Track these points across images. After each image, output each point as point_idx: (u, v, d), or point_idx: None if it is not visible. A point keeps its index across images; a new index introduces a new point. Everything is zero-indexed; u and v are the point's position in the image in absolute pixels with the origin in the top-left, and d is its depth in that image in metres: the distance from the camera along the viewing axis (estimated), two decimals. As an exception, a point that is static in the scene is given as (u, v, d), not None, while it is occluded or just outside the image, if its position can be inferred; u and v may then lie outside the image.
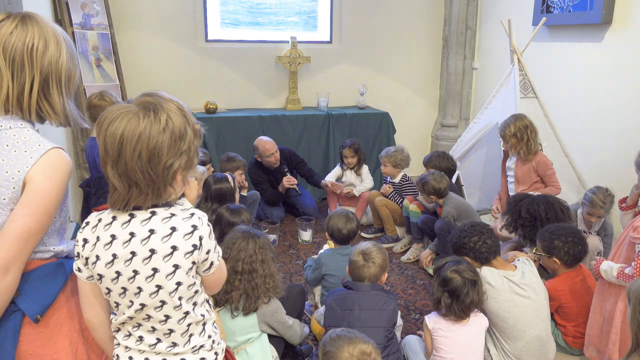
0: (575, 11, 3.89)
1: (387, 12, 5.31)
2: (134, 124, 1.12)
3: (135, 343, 1.29)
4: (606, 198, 2.95)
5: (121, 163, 1.13)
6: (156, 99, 1.17)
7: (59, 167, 1.27)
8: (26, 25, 1.27)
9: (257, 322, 2.12)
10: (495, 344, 2.30)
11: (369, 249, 2.29)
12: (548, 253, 2.45)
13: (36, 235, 1.26)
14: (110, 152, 1.14)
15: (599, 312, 2.27)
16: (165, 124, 1.14)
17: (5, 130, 1.28)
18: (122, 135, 1.12)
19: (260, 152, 4.11)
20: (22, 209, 1.23)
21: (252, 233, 2.15)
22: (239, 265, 2.06)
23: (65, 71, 1.33)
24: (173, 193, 1.23)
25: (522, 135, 3.27)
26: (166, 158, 1.15)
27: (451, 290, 2.13)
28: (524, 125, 3.28)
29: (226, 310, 2.10)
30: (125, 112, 1.14)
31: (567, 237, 2.43)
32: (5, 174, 1.24)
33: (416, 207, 3.64)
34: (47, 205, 1.25)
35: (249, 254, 2.08)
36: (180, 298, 1.24)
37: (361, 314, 2.14)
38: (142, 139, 1.12)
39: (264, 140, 4.12)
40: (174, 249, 1.20)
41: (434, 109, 5.77)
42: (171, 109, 1.17)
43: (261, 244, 2.12)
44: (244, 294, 2.08)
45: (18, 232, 1.22)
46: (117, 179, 1.16)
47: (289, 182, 4.13)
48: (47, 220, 1.27)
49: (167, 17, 4.69)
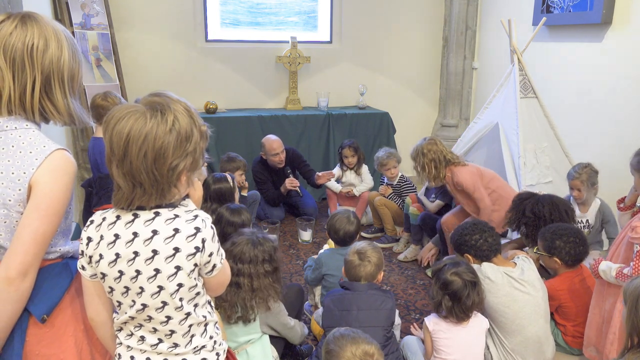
0: (575, 11, 3.89)
1: (387, 12, 5.31)
2: (140, 124, 1.12)
3: (137, 343, 1.29)
4: (582, 169, 2.97)
5: (126, 162, 1.13)
6: (164, 99, 1.17)
7: (65, 168, 1.28)
8: (26, 25, 1.27)
9: (258, 324, 2.12)
10: (494, 340, 2.30)
11: (364, 248, 2.29)
12: (549, 253, 2.45)
13: (49, 238, 1.27)
14: (116, 151, 1.14)
15: (598, 312, 2.27)
16: (172, 124, 1.14)
17: (11, 131, 1.28)
18: (129, 134, 1.12)
19: (266, 150, 4.11)
20: (33, 212, 1.23)
21: (249, 242, 2.06)
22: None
23: (67, 70, 1.33)
24: (177, 194, 1.23)
25: (420, 162, 3.08)
26: (172, 159, 1.15)
27: (452, 293, 2.12)
28: (421, 152, 3.07)
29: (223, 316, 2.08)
30: (132, 111, 1.14)
31: (569, 238, 2.43)
32: (12, 175, 1.24)
33: (416, 210, 3.64)
34: (57, 207, 1.26)
35: (237, 267, 2.01)
36: (182, 299, 1.24)
37: (359, 314, 2.13)
38: (149, 139, 1.12)
39: (272, 138, 4.13)
40: (176, 251, 1.20)
41: (434, 109, 5.77)
42: (178, 109, 1.17)
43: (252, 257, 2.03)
44: (238, 306, 2.03)
45: (33, 235, 1.22)
46: (121, 178, 1.16)
47: (291, 184, 4.13)
48: (58, 221, 1.28)
49: (167, 17, 4.69)
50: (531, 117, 3.48)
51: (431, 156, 3.06)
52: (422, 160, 3.08)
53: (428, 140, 3.13)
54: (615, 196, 2.76)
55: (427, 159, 3.07)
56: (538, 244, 2.53)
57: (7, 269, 1.21)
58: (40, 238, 1.24)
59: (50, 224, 1.25)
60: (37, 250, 1.24)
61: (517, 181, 3.42)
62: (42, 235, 1.24)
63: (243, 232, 2.16)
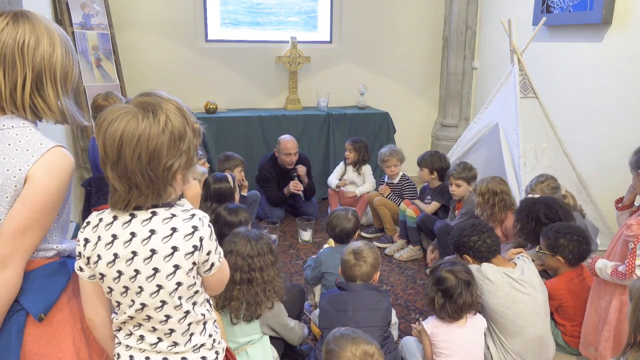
0: (575, 11, 3.89)
1: (387, 12, 5.31)
2: (133, 126, 1.11)
3: (137, 342, 1.29)
4: (537, 185, 2.95)
5: (121, 165, 1.13)
6: (154, 99, 1.16)
7: (60, 165, 1.27)
8: (17, 23, 1.26)
9: (259, 325, 2.11)
10: (494, 341, 2.30)
11: (360, 247, 2.29)
12: (552, 251, 2.45)
13: (32, 232, 1.25)
14: (110, 154, 1.13)
15: (594, 310, 2.28)
16: (164, 124, 1.13)
17: (8, 130, 1.28)
18: (122, 137, 1.11)
19: (280, 148, 4.12)
20: (18, 205, 1.23)
21: (249, 238, 2.10)
22: (237, 275, 2.03)
23: (60, 67, 1.32)
24: (173, 193, 1.23)
25: (488, 198, 3.05)
26: (166, 159, 1.15)
27: (444, 289, 2.13)
28: (493, 190, 3.05)
29: (225, 314, 2.08)
30: (124, 112, 1.13)
31: (572, 236, 2.43)
32: (7, 172, 1.23)
33: (412, 212, 3.63)
34: (44, 202, 1.24)
35: (247, 263, 2.05)
36: (180, 298, 1.24)
37: (355, 315, 2.13)
38: (142, 141, 1.11)
39: (287, 138, 4.15)
40: (174, 250, 1.20)
41: (434, 109, 5.77)
42: (170, 109, 1.16)
43: (259, 250, 2.08)
44: (244, 302, 2.05)
45: (13, 228, 1.22)
46: (117, 181, 1.15)
47: (295, 187, 4.13)
48: (43, 217, 1.26)
49: (167, 17, 4.69)
50: (531, 117, 3.48)
51: (502, 197, 3.04)
52: (492, 199, 3.03)
53: (499, 180, 3.09)
54: (614, 195, 2.76)
55: (497, 199, 3.04)
56: (541, 242, 2.53)
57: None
58: (20, 231, 1.22)
59: (32, 218, 1.23)
60: (16, 243, 1.22)
61: (517, 181, 3.42)
62: (22, 228, 1.22)
63: (239, 232, 2.16)
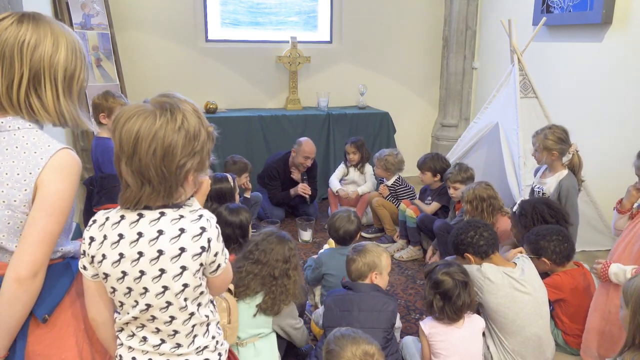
0: (575, 11, 3.89)
1: (387, 12, 5.31)
2: (150, 122, 1.14)
3: (139, 343, 1.29)
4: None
5: (135, 160, 1.15)
6: (173, 99, 1.19)
7: (70, 167, 1.28)
8: (22, 23, 1.27)
9: (271, 320, 2.14)
10: (494, 340, 2.30)
11: (361, 245, 2.31)
12: (536, 254, 2.48)
13: (57, 237, 1.27)
14: (126, 148, 1.15)
15: (599, 316, 2.26)
16: (180, 123, 1.16)
17: (14, 132, 1.28)
18: (138, 132, 1.13)
19: (300, 149, 4.10)
20: (39, 212, 1.23)
21: (286, 238, 2.20)
22: (277, 271, 2.10)
23: (63, 69, 1.31)
24: (183, 194, 1.24)
25: (477, 205, 3.03)
26: (180, 157, 1.16)
27: (443, 292, 2.13)
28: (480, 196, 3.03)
29: (246, 304, 2.11)
30: (142, 110, 1.16)
31: (552, 236, 2.46)
32: (17, 176, 1.24)
33: (412, 212, 3.64)
34: (62, 206, 1.26)
35: (284, 260, 2.13)
36: (186, 299, 1.25)
37: (360, 315, 2.13)
38: (158, 137, 1.14)
39: (310, 143, 4.14)
40: (182, 251, 1.20)
41: (434, 109, 5.77)
42: (187, 109, 1.19)
43: (294, 251, 2.17)
44: (271, 297, 2.11)
45: (41, 235, 1.23)
46: (130, 176, 1.17)
47: (303, 190, 4.12)
48: (64, 220, 1.28)
49: (167, 17, 4.69)
50: (531, 117, 3.49)
51: (490, 202, 3.04)
52: (480, 205, 3.03)
53: (485, 185, 3.09)
54: (614, 196, 2.75)
55: (485, 204, 3.03)
56: (524, 248, 2.55)
57: (17, 269, 1.21)
58: (49, 237, 1.24)
59: (57, 223, 1.26)
60: (46, 250, 1.25)
61: (517, 181, 3.43)
62: (50, 234, 1.24)
63: (273, 231, 2.24)
